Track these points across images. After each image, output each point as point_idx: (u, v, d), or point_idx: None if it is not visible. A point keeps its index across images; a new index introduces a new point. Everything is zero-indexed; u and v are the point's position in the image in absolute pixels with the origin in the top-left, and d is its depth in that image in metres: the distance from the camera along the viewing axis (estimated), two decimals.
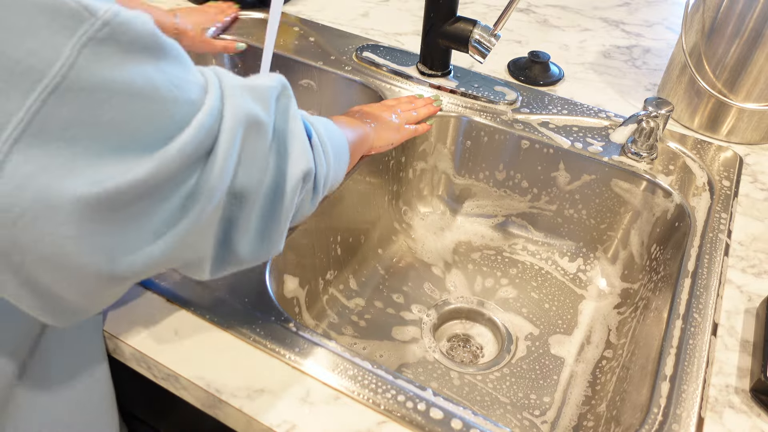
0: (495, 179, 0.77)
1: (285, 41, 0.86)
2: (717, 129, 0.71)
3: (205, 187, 0.31)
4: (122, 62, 0.27)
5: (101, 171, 0.27)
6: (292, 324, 0.48)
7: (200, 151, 0.30)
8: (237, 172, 0.33)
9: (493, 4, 1.02)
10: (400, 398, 0.43)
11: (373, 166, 0.71)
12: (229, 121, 0.31)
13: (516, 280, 0.74)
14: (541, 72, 0.81)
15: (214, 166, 0.31)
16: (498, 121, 0.73)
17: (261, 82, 0.36)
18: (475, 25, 0.71)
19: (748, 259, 0.57)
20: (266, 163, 0.35)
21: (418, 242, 0.79)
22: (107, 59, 0.26)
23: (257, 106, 0.34)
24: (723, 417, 0.43)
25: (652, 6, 1.04)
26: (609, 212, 0.72)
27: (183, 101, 0.30)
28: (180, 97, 0.29)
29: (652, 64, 0.87)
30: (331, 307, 0.69)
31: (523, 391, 0.63)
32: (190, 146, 0.29)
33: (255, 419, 0.42)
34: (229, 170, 0.32)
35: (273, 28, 0.50)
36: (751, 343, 0.49)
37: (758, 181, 0.66)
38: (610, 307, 0.70)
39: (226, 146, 0.31)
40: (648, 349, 0.53)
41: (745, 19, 0.64)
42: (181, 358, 0.45)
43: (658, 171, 0.67)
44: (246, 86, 0.34)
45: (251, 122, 0.33)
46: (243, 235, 0.36)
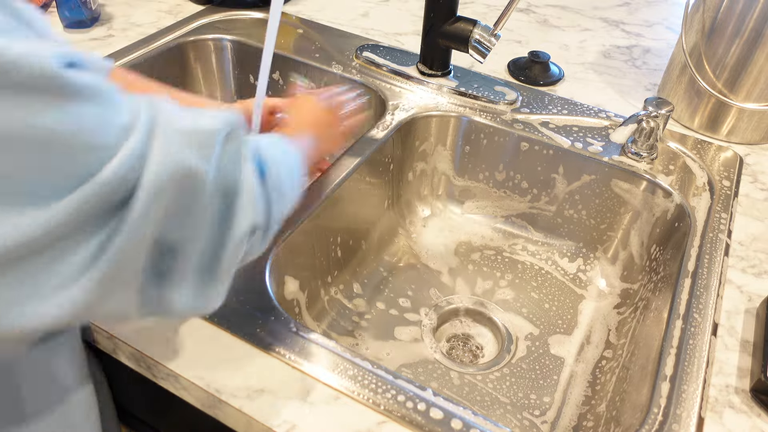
0: (495, 179, 0.77)
1: (285, 41, 0.86)
2: (717, 129, 0.71)
3: (118, 240, 0.28)
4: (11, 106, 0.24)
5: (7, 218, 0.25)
6: (292, 324, 0.48)
7: (111, 202, 0.27)
8: (166, 225, 0.30)
9: (493, 4, 1.02)
10: (400, 398, 0.43)
11: (373, 167, 0.71)
12: (154, 168, 0.28)
13: (516, 281, 0.74)
14: (541, 72, 0.81)
15: (128, 218, 0.28)
16: (498, 121, 0.73)
17: (205, 124, 0.32)
18: (475, 25, 0.71)
19: (748, 259, 0.57)
20: (204, 218, 0.32)
21: (418, 243, 0.79)
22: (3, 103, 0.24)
23: (194, 154, 0.30)
24: (723, 417, 0.43)
25: (652, 6, 1.04)
26: (609, 212, 0.72)
27: (93, 146, 0.26)
28: (89, 143, 0.26)
29: (652, 64, 0.87)
30: (332, 308, 0.69)
31: (523, 391, 0.63)
32: (97, 197, 0.26)
33: (255, 419, 0.42)
34: (149, 223, 0.28)
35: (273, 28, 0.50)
36: (751, 343, 0.49)
37: (758, 181, 0.66)
38: (610, 307, 0.70)
39: (147, 197, 0.28)
40: (648, 349, 0.53)
41: (745, 19, 0.64)
42: (181, 358, 0.45)
43: (658, 171, 0.67)
44: (185, 130, 0.30)
45: (183, 172, 0.29)
46: (177, 289, 0.33)
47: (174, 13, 0.91)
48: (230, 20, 0.91)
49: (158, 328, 0.47)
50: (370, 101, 0.79)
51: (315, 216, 0.62)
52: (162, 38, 0.84)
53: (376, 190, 0.74)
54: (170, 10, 0.92)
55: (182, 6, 0.93)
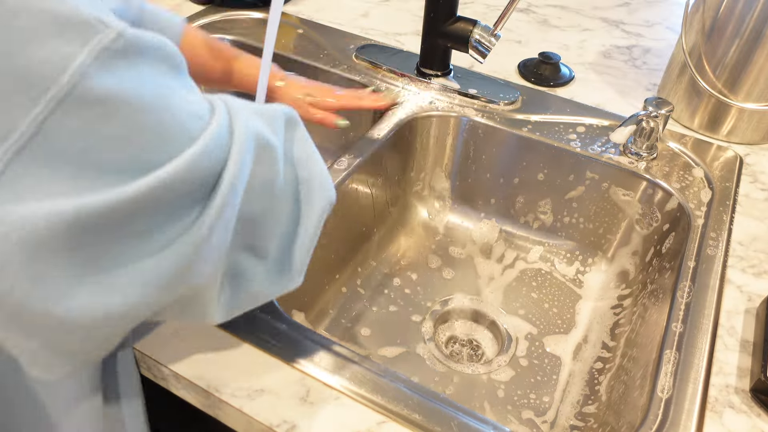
0: (495, 179, 0.77)
1: (285, 41, 0.86)
2: (717, 129, 0.71)
3: (216, 206, 0.28)
4: (134, 74, 0.26)
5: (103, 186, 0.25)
6: (292, 324, 0.48)
7: (211, 167, 0.28)
8: (250, 196, 0.31)
9: (493, 4, 1.02)
10: (400, 398, 0.43)
11: (372, 167, 0.71)
12: (239, 137, 0.30)
13: (516, 281, 0.74)
14: (552, 73, 0.81)
15: (224, 183, 0.29)
16: (498, 121, 0.73)
17: (267, 108, 0.35)
18: (475, 25, 0.71)
19: (748, 259, 0.57)
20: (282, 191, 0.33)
21: (418, 243, 0.79)
22: (119, 70, 0.25)
23: (266, 129, 0.32)
24: (723, 417, 0.43)
25: (652, 6, 1.04)
26: (609, 212, 0.72)
27: (193, 115, 0.28)
28: (191, 111, 0.28)
29: (652, 64, 0.87)
30: (332, 308, 0.69)
31: (522, 390, 0.63)
32: (202, 159, 0.28)
33: (255, 419, 0.42)
34: (239, 189, 0.30)
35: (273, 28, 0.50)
36: (751, 343, 0.49)
37: (758, 181, 0.66)
38: (609, 307, 0.70)
39: (237, 164, 0.29)
40: (648, 349, 0.53)
41: (745, 19, 0.64)
42: (181, 358, 0.45)
43: (658, 171, 0.67)
44: (253, 110, 0.33)
45: (262, 143, 0.31)
46: (258, 267, 0.33)
47: (174, 13, 0.91)
48: (230, 20, 0.91)
49: (158, 329, 0.47)
50: None
51: None
52: None
53: (376, 191, 0.74)
54: (170, 11, 0.92)
55: (182, 6, 0.93)
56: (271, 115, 0.34)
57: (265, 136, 0.32)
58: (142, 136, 0.26)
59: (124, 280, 0.27)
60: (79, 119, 0.24)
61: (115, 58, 0.25)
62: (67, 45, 0.24)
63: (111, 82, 0.25)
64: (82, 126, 0.24)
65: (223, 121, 0.30)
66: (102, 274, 0.26)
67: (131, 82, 0.26)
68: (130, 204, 0.25)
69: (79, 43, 0.24)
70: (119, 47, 0.25)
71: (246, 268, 0.33)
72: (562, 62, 0.82)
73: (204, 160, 0.28)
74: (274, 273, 0.34)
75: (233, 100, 0.32)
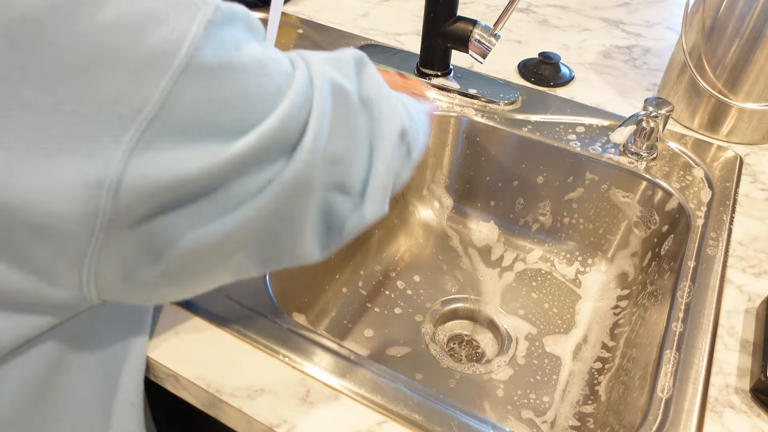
0: (495, 179, 0.77)
1: (285, 41, 0.86)
2: (717, 129, 0.71)
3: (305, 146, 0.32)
4: (234, 42, 0.29)
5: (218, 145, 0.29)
6: (292, 324, 0.48)
7: (299, 116, 0.32)
8: (331, 137, 0.34)
9: (493, 4, 1.02)
10: (400, 398, 0.43)
11: None
12: (319, 87, 0.33)
13: (516, 281, 0.74)
14: (553, 73, 0.81)
15: (310, 127, 0.32)
16: (498, 121, 0.73)
17: (337, 54, 0.38)
18: (475, 25, 0.71)
19: (748, 259, 0.57)
20: (357, 127, 0.36)
21: (418, 243, 0.79)
22: (223, 40, 0.29)
23: (339, 74, 0.36)
24: (723, 417, 0.43)
25: (652, 6, 1.04)
26: (608, 212, 0.72)
27: (281, 72, 0.32)
28: (278, 69, 0.32)
29: (652, 64, 0.87)
30: (332, 308, 0.69)
31: (522, 390, 0.63)
32: (292, 111, 0.31)
33: (255, 419, 0.42)
34: (323, 133, 0.33)
35: (273, 28, 0.50)
36: (751, 343, 0.49)
37: (758, 181, 0.66)
38: (609, 307, 0.70)
39: (320, 109, 0.33)
40: (648, 349, 0.53)
41: (745, 19, 0.64)
42: (181, 358, 0.45)
43: (657, 171, 0.67)
44: (325, 58, 0.37)
45: (337, 88, 0.35)
46: (347, 201, 0.37)
47: None
48: None
49: (158, 329, 0.47)
50: None
51: None
52: None
53: None
54: None
55: None
56: (342, 61, 0.38)
57: (340, 81, 0.35)
58: (247, 97, 0.30)
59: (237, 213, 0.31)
60: (197, 88, 0.28)
61: (218, 29, 0.28)
62: (180, 22, 0.27)
63: (217, 51, 0.28)
64: (199, 94, 0.28)
65: (304, 73, 0.33)
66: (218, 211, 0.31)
67: (232, 49, 0.29)
68: (240, 158, 0.29)
69: (189, 19, 0.27)
70: (220, 19, 0.29)
71: (337, 203, 0.36)
72: (562, 62, 0.82)
73: (293, 111, 0.31)
74: (361, 204, 0.38)
75: (306, 52, 0.36)
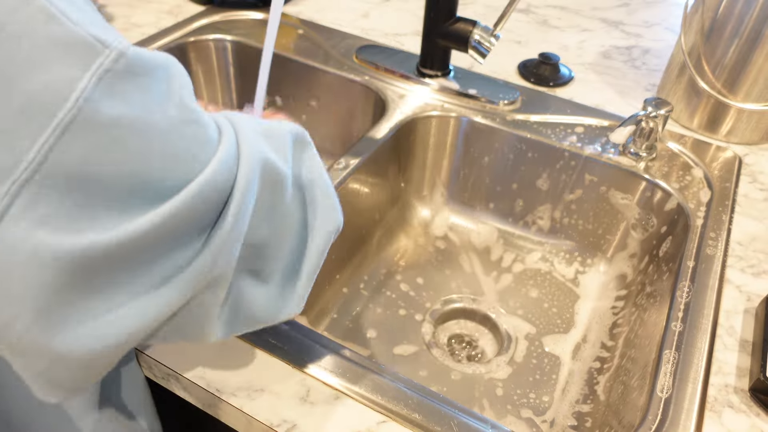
0: (494, 179, 0.77)
1: (285, 41, 0.86)
2: (716, 129, 0.72)
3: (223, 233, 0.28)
4: (139, 96, 0.25)
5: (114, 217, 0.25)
6: (292, 324, 0.48)
7: (220, 194, 0.28)
8: (255, 222, 0.30)
9: (493, 4, 1.02)
10: (400, 398, 0.43)
11: (372, 168, 0.71)
12: (246, 163, 0.29)
13: (515, 281, 0.74)
14: (552, 73, 0.81)
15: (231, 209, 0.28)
16: (498, 122, 0.73)
17: (276, 128, 0.34)
18: (475, 25, 0.71)
19: (747, 259, 0.57)
20: (289, 215, 0.33)
21: (418, 243, 0.79)
22: (124, 93, 0.24)
23: (273, 153, 0.31)
24: (722, 417, 0.44)
25: (651, 6, 1.04)
26: (608, 212, 0.72)
27: (202, 139, 0.27)
28: (199, 136, 0.27)
29: (651, 64, 0.87)
30: (332, 308, 0.69)
31: (521, 390, 0.63)
32: (211, 186, 0.27)
33: (255, 419, 0.42)
34: (245, 217, 0.29)
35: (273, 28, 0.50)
36: (751, 342, 0.49)
37: (757, 181, 0.66)
38: (608, 307, 0.70)
39: (244, 190, 0.28)
40: (647, 349, 0.54)
41: (744, 19, 0.64)
42: (181, 358, 0.45)
43: (657, 171, 0.67)
44: (260, 131, 0.32)
45: (268, 168, 0.30)
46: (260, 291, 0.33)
47: (174, 13, 0.91)
48: (231, 21, 0.91)
49: None
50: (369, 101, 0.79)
51: None
52: (163, 39, 0.85)
53: (376, 191, 0.74)
54: (171, 11, 0.92)
55: (183, 6, 0.93)
56: (278, 137, 0.33)
57: (272, 161, 0.31)
58: (151, 162, 0.25)
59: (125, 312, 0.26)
60: (86, 145, 0.23)
61: (119, 80, 0.24)
62: (68, 69, 0.23)
63: (116, 105, 0.24)
64: (88, 153, 0.24)
65: (231, 145, 0.29)
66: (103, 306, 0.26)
67: (137, 104, 0.25)
68: (139, 237, 0.25)
69: (81, 66, 0.23)
70: (122, 68, 0.24)
71: (248, 291, 0.32)
72: (561, 63, 0.83)
73: (212, 189, 0.27)
74: (275, 298, 0.34)
75: (239, 119, 0.31)
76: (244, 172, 0.29)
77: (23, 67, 0.23)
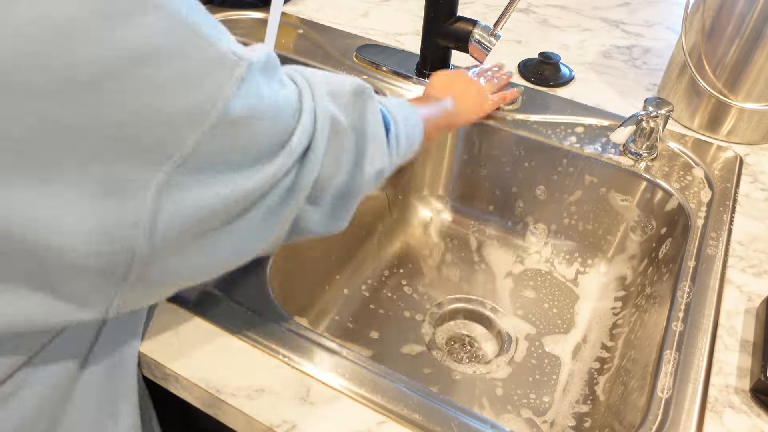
0: (494, 179, 0.77)
1: (285, 41, 0.86)
2: (717, 129, 0.71)
3: (304, 180, 0.36)
4: (257, 91, 0.32)
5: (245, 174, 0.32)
6: (292, 324, 0.48)
7: (301, 148, 0.36)
8: (321, 167, 0.38)
9: (493, 4, 1.02)
10: (400, 398, 0.43)
11: None
12: (321, 122, 0.37)
13: (516, 281, 0.74)
14: (553, 73, 0.81)
15: (310, 161, 0.36)
16: (498, 122, 0.73)
17: (340, 84, 0.41)
18: (475, 25, 0.71)
19: (748, 259, 0.57)
20: (345, 159, 0.40)
21: (418, 243, 0.79)
22: (250, 91, 0.31)
23: (337, 109, 0.39)
24: (723, 417, 0.43)
25: (652, 6, 1.04)
26: (608, 212, 0.72)
27: (292, 111, 0.35)
28: (289, 109, 0.35)
29: (652, 64, 0.87)
30: (332, 308, 0.69)
31: (522, 390, 0.63)
32: (299, 147, 0.35)
33: (255, 419, 0.42)
34: (319, 165, 0.37)
35: (273, 28, 0.50)
36: (751, 343, 0.49)
37: (758, 181, 0.66)
38: (609, 307, 0.70)
39: (319, 144, 0.37)
40: (647, 349, 0.53)
41: (745, 19, 0.64)
42: (181, 358, 0.45)
43: (657, 171, 0.67)
44: (328, 89, 0.39)
45: (334, 123, 0.38)
46: (315, 215, 0.40)
47: None
48: (230, 20, 0.91)
49: (159, 329, 0.47)
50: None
51: None
52: None
53: (376, 191, 0.74)
54: None
55: None
56: (341, 95, 0.40)
57: (338, 118, 0.39)
58: (263, 139, 0.33)
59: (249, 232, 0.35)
60: (224, 137, 0.30)
61: (250, 83, 0.31)
62: (216, 82, 0.29)
63: (245, 103, 0.31)
64: (225, 141, 0.31)
65: (310, 106, 0.37)
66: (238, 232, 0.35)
67: (256, 99, 0.32)
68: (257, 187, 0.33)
69: (225, 77, 0.30)
70: (251, 74, 0.31)
71: (306, 212, 0.39)
72: (562, 62, 0.82)
73: (297, 147, 0.35)
74: (326, 217, 0.41)
75: (311, 75, 0.39)
76: (320, 124, 0.37)
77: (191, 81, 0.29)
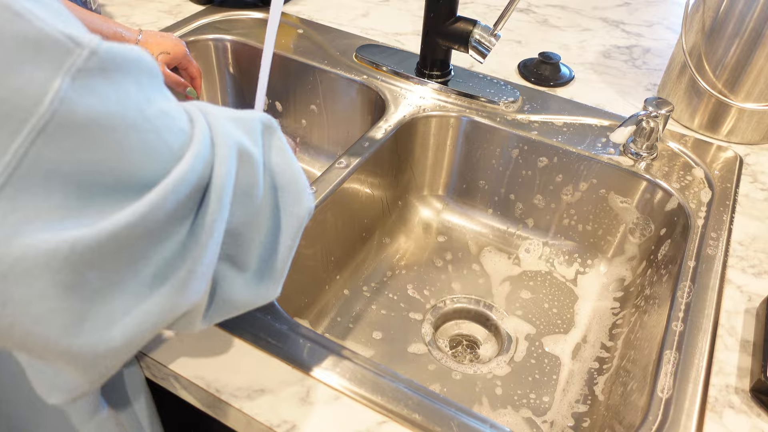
0: (494, 179, 0.77)
1: (285, 41, 0.86)
2: (717, 129, 0.71)
3: (207, 222, 0.28)
4: (113, 92, 0.24)
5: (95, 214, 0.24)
6: (292, 324, 0.48)
7: (199, 182, 0.28)
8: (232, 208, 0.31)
9: (493, 4, 1.02)
10: (400, 398, 0.43)
11: (372, 167, 0.71)
12: (222, 150, 0.29)
13: (516, 281, 0.74)
14: (552, 73, 0.81)
15: (212, 197, 0.28)
16: (498, 121, 0.73)
17: (244, 114, 0.34)
18: (475, 25, 0.71)
19: (748, 259, 0.57)
20: (262, 199, 0.33)
21: (418, 243, 0.79)
22: (99, 89, 0.24)
23: (245, 138, 0.32)
24: (723, 417, 0.43)
25: (652, 6, 1.04)
26: (608, 212, 0.72)
27: (176, 130, 0.27)
28: (173, 126, 0.27)
29: (652, 64, 0.87)
30: (332, 308, 0.69)
31: (522, 390, 0.63)
32: (191, 175, 0.27)
33: (255, 419, 0.42)
34: (225, 204, 0.29)
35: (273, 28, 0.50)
36: (751, 343, 0.49)
37: (758, 181, 0.66)
38: (609, 308, 0.70)
39: (223, 176, 0.29)
40: (648, 349, 0.53)
41: (745, 19, 0.64)
42: (181, 358, 0.45)
43: (657, 171, 0.67)
44: (230, 117, 0.33)
45: (242, 152, 0.31)
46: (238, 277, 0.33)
47: (174, 13, 0.91)
48: (230, 20, 0.91)
49: None
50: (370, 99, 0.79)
51: (315, 216, 0.62)
52: None
53: (376, 191, 0.74)
54: (170, 10, 0.92)
55: (182, 6, 0.93)
56: (248, 123, 0.33)
57: (245, 145, 0.31)
58: (128, 157, 0.25)
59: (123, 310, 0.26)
60: (63, 147, 0.23)
61: (92, 78, 0.24)
62: (41, 70, 0.22)
63: (92, 103, 0.24)
64: (66, 153, 0.23)
65: (205, 133, 0.29)
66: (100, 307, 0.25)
67: (113, 101, 0.24)
68: (124, 231, 0.25)
69: (54, 66, 0.23)
70: (95, 65, 0.24)
71: (226, 278, 0.33)
72: (562, 62, 0.82)
73: (191, 177, 0.27)
74: (253, 283, 0.34)
75: (209, 107, 0.32)
76: (221, 158, 0.29)
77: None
